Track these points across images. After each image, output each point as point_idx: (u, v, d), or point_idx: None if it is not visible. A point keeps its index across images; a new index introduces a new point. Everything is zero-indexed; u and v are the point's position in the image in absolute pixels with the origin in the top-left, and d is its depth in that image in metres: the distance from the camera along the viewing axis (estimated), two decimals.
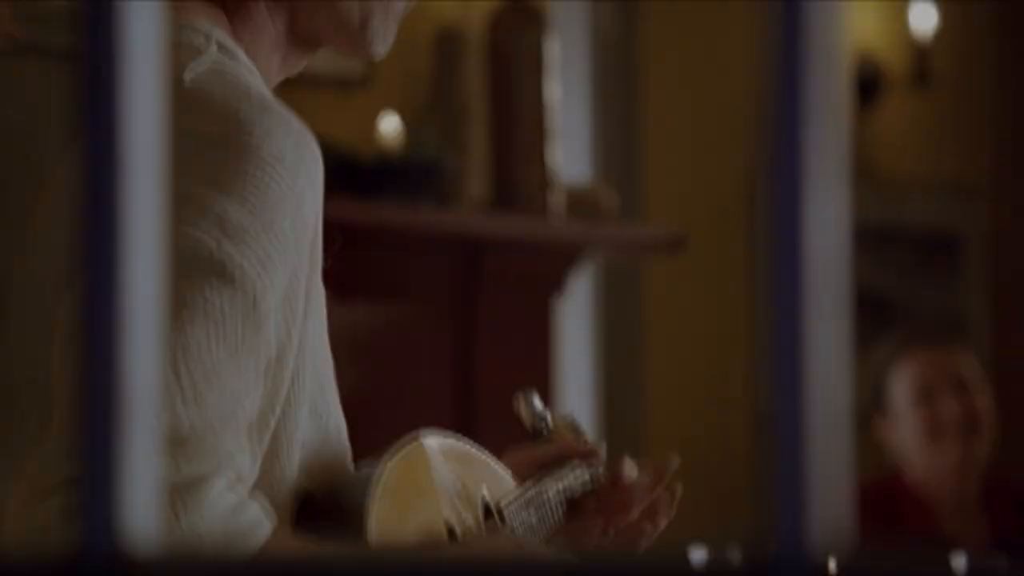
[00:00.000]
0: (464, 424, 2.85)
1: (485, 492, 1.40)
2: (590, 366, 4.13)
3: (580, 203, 3.04)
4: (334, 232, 1.33)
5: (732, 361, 4.31)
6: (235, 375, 1.19)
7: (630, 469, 1.47)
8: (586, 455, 1.49)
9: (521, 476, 1.46)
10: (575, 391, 4.13)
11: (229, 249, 1.21)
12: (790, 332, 0.63)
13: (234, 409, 1.19)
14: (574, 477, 1.48)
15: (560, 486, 1.47)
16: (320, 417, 1.32)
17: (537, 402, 1.52)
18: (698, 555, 2.85)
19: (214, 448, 1.16)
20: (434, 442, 1.35)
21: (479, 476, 1.40)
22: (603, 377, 4.10)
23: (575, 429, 1.53)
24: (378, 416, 2.81)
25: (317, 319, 1.30)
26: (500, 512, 1.40)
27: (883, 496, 3.20)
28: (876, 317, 4.55)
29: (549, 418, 1.51)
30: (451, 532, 1.33)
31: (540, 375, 2.94)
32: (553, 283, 2.99)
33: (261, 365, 1.21)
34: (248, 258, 1.21)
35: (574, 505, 1.48)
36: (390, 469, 1.29)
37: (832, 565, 0.64)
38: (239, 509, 1.17)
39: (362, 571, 0.64)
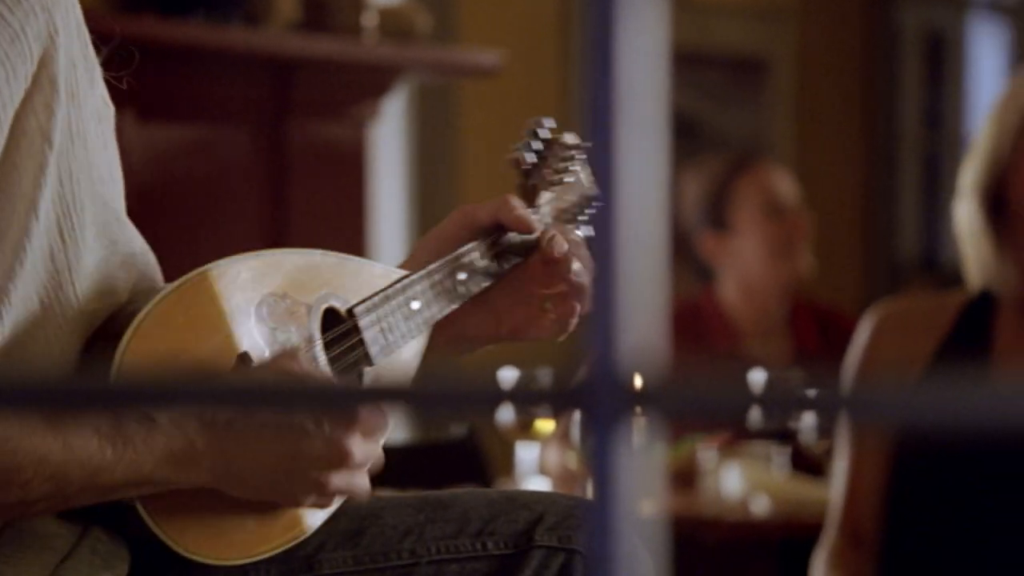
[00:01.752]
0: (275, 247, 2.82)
1: (342, 297, 1.39)
2: (404, 189, 4.12)
3: (394, 24, 3.00)
4: (130, 51, 1.29)
5: None
6: None
7: (560, 244, 1.46)
8: (519, 227, 1.46)
9: (456, 240, 1.44)
10: (389, 215, 4.12)
11: None
12: (605, 155, 0.63)
13: None
14: (491, 248, 1.46)
15: (476, 264, 1.45)
16: (116, 244, 1.30)
17: (542, 133, 1.49)
18: (508, 377, 2.89)
19: None
20: (248, 264, 1.33)
21: (331, 282, 1.38)
22: (417, 201, 4.09)
23: (561, 175, 1.50)
24: (187, 240, 2.77)
25: (90, 147, 1.27)
26: (352, 315, 1.38)
27: (690, 316, 3.26)
28: (685, 139, 4.61)
29: (532, 160, 1.49)
30: (243, 359, 1.32)
31: (353, 198, 2.92)
32: (366, 105, 2.96)
33: None
34: None
35: (508, 272, 1.46)
36: (156, 304, 1.27)
37: (639, 385, 0.65)
38: None
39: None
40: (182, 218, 2.78)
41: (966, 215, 2.13)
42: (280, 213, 2.87)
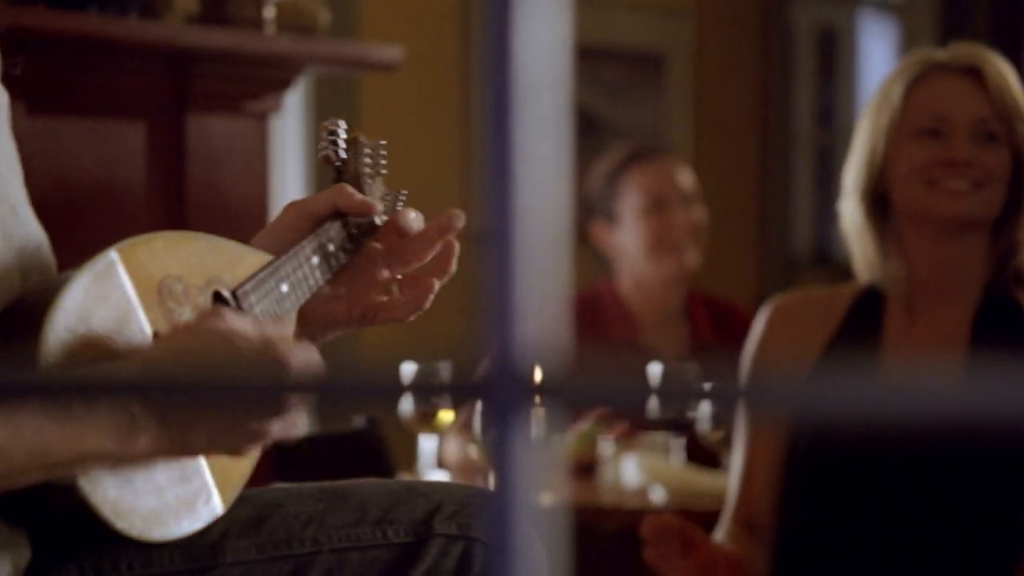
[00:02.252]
0: None
1: (225, 280, 1.40)
2: (305, 183, 4.11)
3: (294, 18, 2.99)
4: (25, 41, 1.29)
5: (448, 178, 4.34)
6: None
7: (415, 220, 1.51)
8: (360, 210, 1.50)
9: (296, 231, 1.46)
10: None
11: None
12: (505, 148, 0.64)
13: None
14: (337, 233, 1.50)
15: (327, 248, 1.48)
16: (12, 238, 1.31)
17: (341, 133, 1.54)
18: (410, 369, 2.89)
19: None
20: (147, 246, 1.35)
21: (216, 265, 1.40)
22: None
23: (374, 161, 1.55)
24: (83, 235, 2.74)
25: None
26: (236, 298, 1.41)
27: (589, 306, 3.31)
28: (585, 134, 4.63)
29: (343, 155, 1.54)
30: (157, 336, 1.33)
31: (254, 192, 2.91)
32: (267, 99, 2.95)
33: None
34: None
35: (353, 258, 1.50)
36: (71, 289, 1.28)
37: (538, 376, 0.66)
38: None
39: None
40: (78, 213, 2.75)
41: (850, 214, 2.17)
42: (179, 207, 2.86)
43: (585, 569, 2.78)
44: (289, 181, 4.10)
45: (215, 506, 1.37)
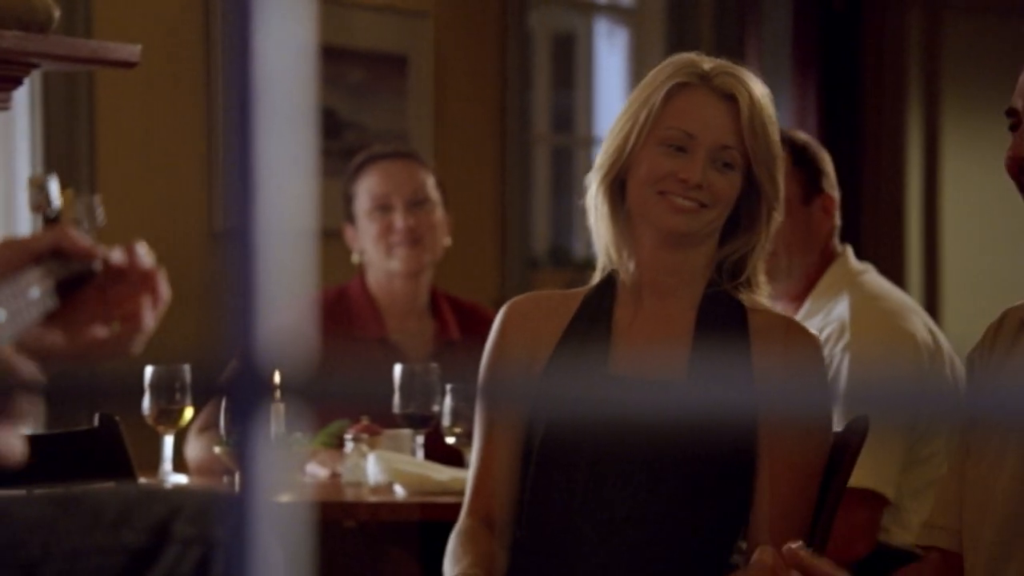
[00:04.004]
0: None
1: None
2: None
3: (23, 14, 2.91)
4: None
5: (190, 177, 4.28)
6: None
7: (144, 260, 1.49)
8: (84, 254, 1.47)
9: (11, 266, 1.44)
10: (22, 208, 3.99)
11: None
12: (246, 149, 0.64)
13: None
14: (56, 271, 1.48)
15: (46, 284, 1.45)
16: None
17: (53, 187, 1.52)
18: (149, 371, 2.85)
19: None
20: None
21: None
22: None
23: (88, 216, 1.54)
24: None
25: None
26: None
27: (337, 302, 3.40)
28: (329, 135, 4.63)
29: (58, 204, 1.52)
30: None
31: None
32: None
33: None
34: None
35: (72, 295, 1.47)
36: None
37: (278, 378, 0.67)
38: None
39: None
40: None
41: (592, 191, 2.23)
42: None
43: (328, 565, 2.78)
44: (19, 178, 4.00)
45: None
